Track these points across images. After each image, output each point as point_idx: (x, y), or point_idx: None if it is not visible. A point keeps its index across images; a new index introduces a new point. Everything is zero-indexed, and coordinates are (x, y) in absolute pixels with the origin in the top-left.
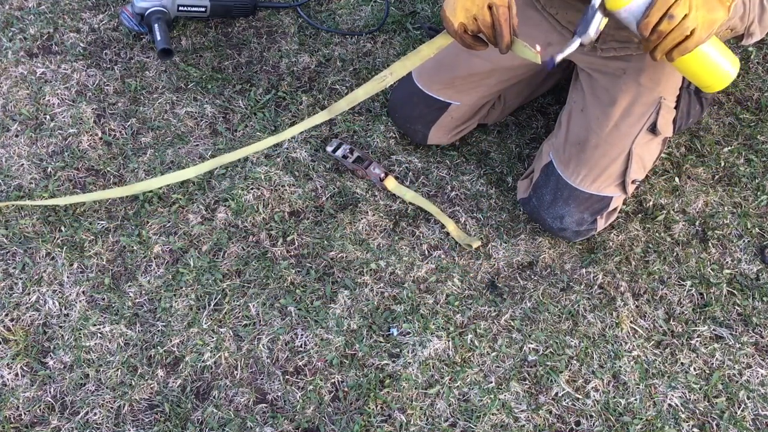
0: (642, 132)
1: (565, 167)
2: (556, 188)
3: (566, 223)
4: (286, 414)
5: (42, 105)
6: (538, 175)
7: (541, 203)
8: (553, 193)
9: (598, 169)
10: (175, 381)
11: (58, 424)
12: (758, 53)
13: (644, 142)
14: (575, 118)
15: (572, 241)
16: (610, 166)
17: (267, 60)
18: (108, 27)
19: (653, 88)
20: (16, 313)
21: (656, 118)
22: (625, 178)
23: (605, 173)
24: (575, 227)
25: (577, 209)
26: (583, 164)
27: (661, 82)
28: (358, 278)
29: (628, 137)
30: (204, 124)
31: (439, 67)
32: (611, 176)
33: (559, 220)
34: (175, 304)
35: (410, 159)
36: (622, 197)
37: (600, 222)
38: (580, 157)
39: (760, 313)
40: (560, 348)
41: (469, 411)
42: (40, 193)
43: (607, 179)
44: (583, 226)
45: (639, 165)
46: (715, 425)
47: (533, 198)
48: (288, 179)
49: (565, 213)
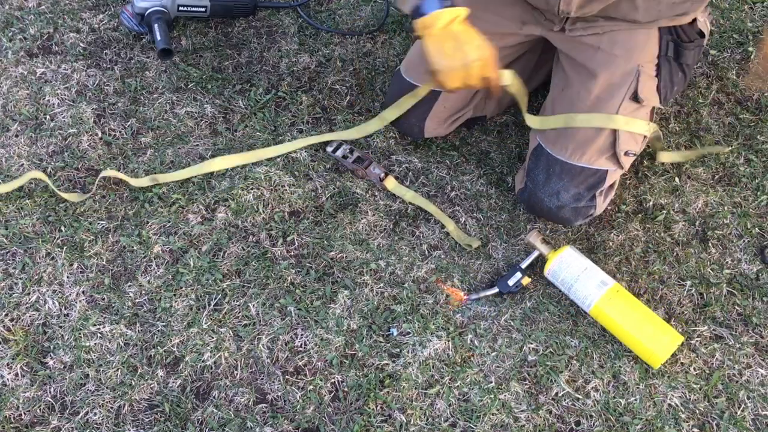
0: (625, 101)
1: (553, 145)
2: (548, 165)
3: (563, 199)
4: (286, 414)
5: (42, 105)
6: (528, 161)
7: (536, 184)
8: (545, 172)
9: (585, 141)
10: (175, 381)
11: (58, 424)
12: (758, 53)
13: (629, 111)
14: (558, 98)
15: (573, 224)
16: (596, 138)
17: (267, 60)
18: (108, 27)
19: (628, 57)
20: (16, 313)
21: (637, 86)
22: (615, 149)
23: (593, 145)
24: (573, 203)
25: (571, 183)
26: (570, 139)
27: (635, 51)
28: (358, 278)
29: (611, 108)
30: (204, 124)
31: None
32: (600, 149)
33: (556, 196)
34: (175, 304)
35: (410, 159)
36: (617, 172)
37: (599, 200)
38: (566, 133)
39: (760, 313)
40: (560, 348)
41: (469, 411)
42: (41, 193)
43: (596, 152)
44: (582, 202)
45: (629, 135)
46: (715, 425)
47: (528, 182)
48: (288, 179)
49: (561, 188)
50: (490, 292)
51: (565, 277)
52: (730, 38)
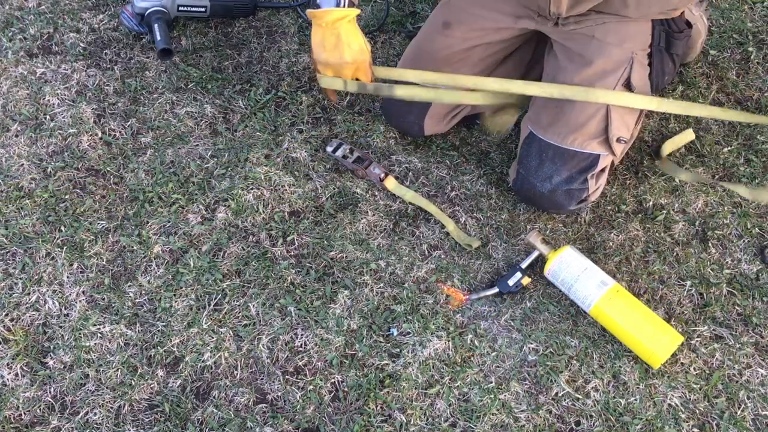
0: (618, 88)
1: (545, 131)
2: (540, 151)
3: (555, 183)
4: (286, 414)
5: (42, 105)
6: (521, 148)
7: (528, 170)
8: (538, 157)
9: (577, 125)
10: (175, 381)
11: (58, 424)
12: (758, 53)
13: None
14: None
15: (567, 208)
16: (589, 123)
17: (267, 60)
18: (108, 27)
19: (622, 45)
20: (16, 313)
21: (630, 73)
22: (608, 134)
23: (585, 130)
24: (565, 185)
25: (564, 167)
26: (563, 124)
27: (628, 39)
28: (358, 278)
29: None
30: (204, 124)
31: (420, 54)
32: (592, 133)
33: (548, 180)
34: (175, 304)
35: (410, 159)
36: (609, 157)
37: (591, 183)
38: (558, 118)
39: (760, 313)
40: (560, 348)
41: (469, 411)
42: (40, 193)
43: (588, 136)
44: (574, 184)
45: (620, 122)
46: (715, 425)
47: (520, 169)
48: (288, 179)
49: (553, 172)
50: (490, 292)
51: (565, 277)
52: (730, 38)
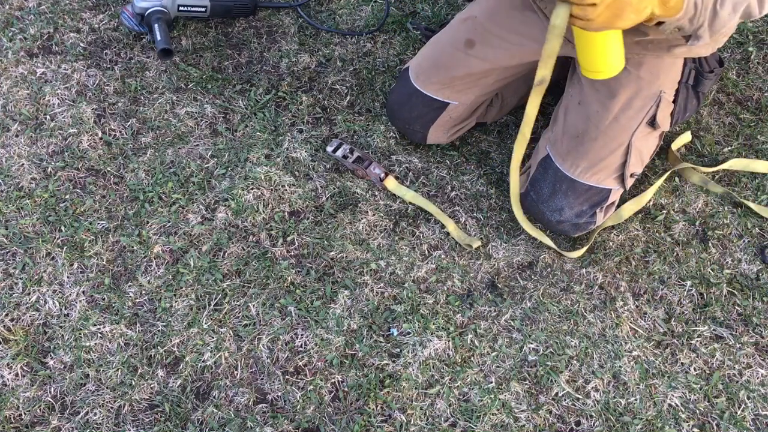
0: (642, 125)
1: (563, 160)
2: (555, 180)
3: (565, 216)
4: (286, 414)
5: (42, 105)
6: (535, 169)
7: (540, 196)
8: (551, 186)
9: (597, 160)
10: (175, 381)
11: (58, 424)
12: (758, 53)
13: (643, 135)
14: (572, 111)
15: (570, 235)
16: (609, 158)
17: (267, 60)
18: (108, 27)
19: (653, 81)
20: (16, 313)
21: (656, 112)
22: (624, 171)
23: (604, 165)
24: (574, 219)
25: (576, 201)
26: (582, 156)
27: (660, 76)
28: (358, 278)
29: (628, 130)
30: (204, 124)
31: (437, 67)
32: (610, 168)
33: (558, 212)
34: (175, 304)
35: (410, 159)
36: (619, 191)
37: (599, 216)
38: (578, 150)
39: (760, 313)
40: (560, 348)
41: (469, 411)
42: (41, 193)
43: (606, 171)
44: (582, 219)
45: (637, 158)
46: (715, 425)
47: (531, 192)
48: (288, 179)
49: (565, 205)
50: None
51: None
52: (730, 38)
